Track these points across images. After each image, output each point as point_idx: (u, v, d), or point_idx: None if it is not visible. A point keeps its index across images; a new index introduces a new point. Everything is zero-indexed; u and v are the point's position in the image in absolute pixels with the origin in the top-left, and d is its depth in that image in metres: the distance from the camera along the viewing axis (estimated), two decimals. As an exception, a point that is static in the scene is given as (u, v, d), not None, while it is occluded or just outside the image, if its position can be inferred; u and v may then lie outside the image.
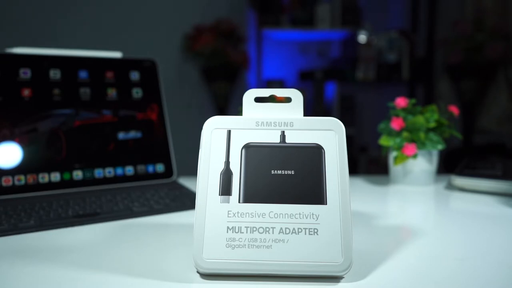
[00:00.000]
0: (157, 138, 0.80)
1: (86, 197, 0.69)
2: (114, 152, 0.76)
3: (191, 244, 0.42)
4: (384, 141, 0.83)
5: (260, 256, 0.40)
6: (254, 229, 0.41)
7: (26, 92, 0.71)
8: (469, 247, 0.51)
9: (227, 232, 0.41)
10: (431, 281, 0.41)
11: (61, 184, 0.71)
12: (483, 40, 2.21)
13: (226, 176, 0.42)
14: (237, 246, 0.40)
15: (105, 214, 0.62)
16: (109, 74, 0.78)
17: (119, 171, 0.76)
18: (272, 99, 0.57)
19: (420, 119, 0.80)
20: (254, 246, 0.40)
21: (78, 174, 0.72)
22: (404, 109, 0.83)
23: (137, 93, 0.80)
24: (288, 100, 0.49)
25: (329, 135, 0.44)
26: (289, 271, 0.40)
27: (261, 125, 0.44)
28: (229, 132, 0.44)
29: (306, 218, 0.41)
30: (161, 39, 2.47)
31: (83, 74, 0.76)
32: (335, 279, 0.41)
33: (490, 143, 2.37)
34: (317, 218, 0.41)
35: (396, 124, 0.81)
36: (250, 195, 0.42)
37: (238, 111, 0.53)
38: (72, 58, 0.76)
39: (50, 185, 0.70)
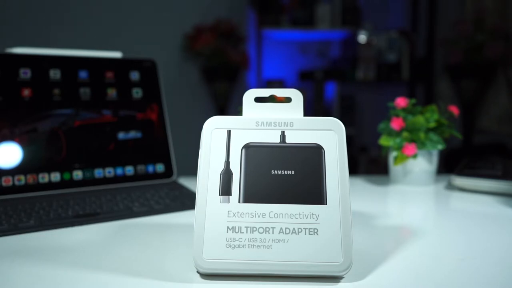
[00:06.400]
0: (157, 138, 0.80)
1: (86, 197, 0.69)
2: (114, 152, 0.76)
3: (191, 244, 0.42)
4: (384, 141, 0.83)
5: (260, 256, 0.40)
6: (254, 229, 0.41)
7: (26, 92, 0.71)
8: (469, 247, 0.51)
9: (227, 232, 0.41)
10: (431, 281, 0.41)
11: (61, 184, 0.71)
12: (483, 40, 2.21)
13: (226, 176, 0.42)
14: (237, 246, 0.40)
15: (105, 214, 0.62)
16: (109, 74, 0.78)
17: (119, 171, 0.76)
18: (272, 99, 0.57)
19: (420, 119, 0.80)
20: (254, 246, 0.40)
21: (78, 174, 0.72)
22: (404, 109, 0.83)
23: (137, 93, 0.80)
24: (288, 100, 0.49)
25: (329, 135, 0.44)
26: (289, 271, 0.40)
27: (261, 125, 0.44)
28: (229, 132, 0.44)
29: (306, 218, 0.41)
30: (161, 39, 2.47)
31: (83, 74, 0.76)
32: (335, 279, 0.41)
33: (490, 143, 2.37)
34: (317, 218, 0.41)
35: (396, 124, 0.81)
36: (250, 195, 0.42)
37: (238, 111, 0.53)
38: (72, 58, 0.76)
39: (50, 185, 0.70)
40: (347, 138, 0.44)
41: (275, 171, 0.43)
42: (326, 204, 0.41)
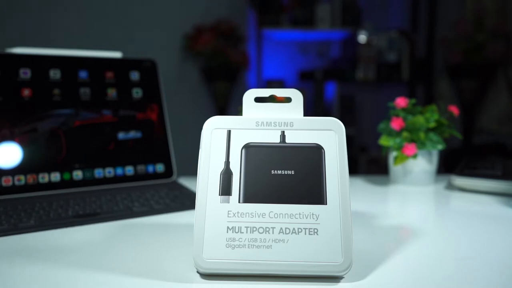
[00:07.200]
0: (157, 138, 0.80)
1: (86, 197, 0.69)
2: (114, 152, 0.76)
3: (191, 244, 0.42)
4: (384, 141, 0.83)
5: (260, 256, 0.40)
6: (254, 229, 0.41)
7: (26, 92, 0.71)
8: (469, 247, 0.51)
9: (227, 232, 0.41)
10: (431, 281, 0.41)
11: (61, 184, 0.71)
12: (483, 40, 2.21)
13: (226, 176, 0.42)
14: (237, 246, 0.40)
15: (105, 214, 0.62)
16: (109, 74, 0.78)
17: (119, 171, 0.76)
18: (272, 99, 0.57)
19: (420, 119, 0.80)
20: (254, 246, 0.40)
21: (78, 174, 0.72)
22: (404, 109, 0.83)
23: (137, 93, 0.80)
24: (288, 100, 0.49)
25: (329, 135, 0.44)
26: (289, 271, 0.40)
27: (261, 125, 0.44)
28: (229, 132, 0.44)
29: (306, 218, 0.41)
30: (161, 39, 2.47)
31: (83, 74, 0.76)
32: (335, 279, 0.41)
33: (490, 143, 2.37)
34: (317, 218, 0.41)
35: (396, 124, 0.81)
36: (250, 195, 0.42)
37: (238, 111, 0.53)
38: (72, 58, 0.76)
39: (50, 185, 0.70)
40: (347, 138, 0.44)
41: (275, 171, 0.43)
42: (326, 204, 0.41)
